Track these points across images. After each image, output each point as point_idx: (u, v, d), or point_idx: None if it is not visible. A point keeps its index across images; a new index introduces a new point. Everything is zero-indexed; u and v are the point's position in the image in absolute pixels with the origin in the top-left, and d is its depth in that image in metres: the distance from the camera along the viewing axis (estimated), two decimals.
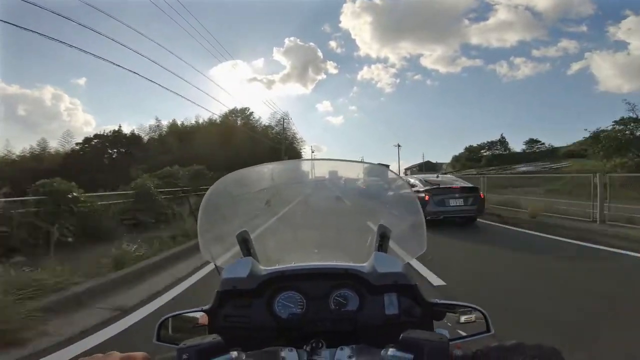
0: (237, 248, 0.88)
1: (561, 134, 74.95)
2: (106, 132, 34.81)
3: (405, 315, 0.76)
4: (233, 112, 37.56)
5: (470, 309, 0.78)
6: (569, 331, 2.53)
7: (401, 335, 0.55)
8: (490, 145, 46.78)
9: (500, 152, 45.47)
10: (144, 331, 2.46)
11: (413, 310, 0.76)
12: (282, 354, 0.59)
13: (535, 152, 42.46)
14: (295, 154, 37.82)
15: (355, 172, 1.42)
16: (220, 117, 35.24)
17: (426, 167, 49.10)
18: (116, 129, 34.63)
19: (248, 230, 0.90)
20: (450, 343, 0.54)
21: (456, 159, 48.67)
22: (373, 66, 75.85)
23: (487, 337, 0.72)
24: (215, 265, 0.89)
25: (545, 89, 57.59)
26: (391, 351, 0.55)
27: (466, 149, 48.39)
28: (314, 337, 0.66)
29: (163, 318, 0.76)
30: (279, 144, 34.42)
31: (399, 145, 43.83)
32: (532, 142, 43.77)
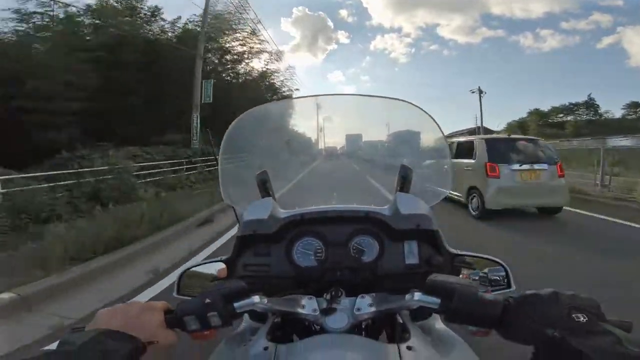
0: (257, 192, 0.86)
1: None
2: None
3: (425, 265, 0.73)
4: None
5: (491, 262, 0.73)
6: None
7: (427, 279, 0.53)
8: (571, 109, 39.40)
9: (590, 118, 38.11)
10: None
11: (434, 259, 0.73)
12: (302, 301, 0.59)
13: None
14: None
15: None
16: None
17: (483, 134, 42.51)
18: None
19: (267, 172, 0.88)
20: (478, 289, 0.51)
21: (518, 125, 41.49)
22: (387, 36, 69.93)
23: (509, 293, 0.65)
24: (234, 210, 0.88)
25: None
26: (417, 295, 0.53)
27: (532, 113, 41.78)
28: (333, 286, 0.64)
29: (182, 270, 0.76)
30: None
31: (480, 91, 28.33)
32: (635, 105, 35.85)
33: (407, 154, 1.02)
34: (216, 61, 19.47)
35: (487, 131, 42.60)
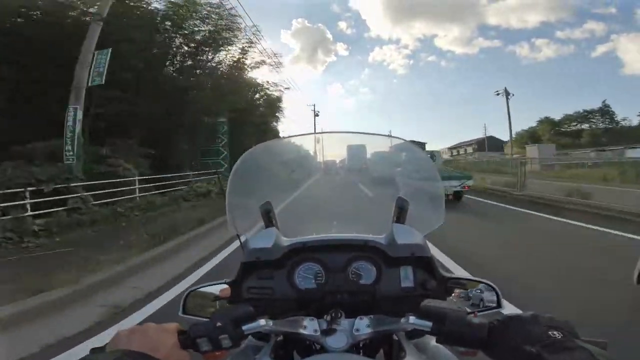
0: (261, 222, 0.92)
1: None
2: None
3: (420, 288, 0.77)
4: None
5: (482, 284, 0.78)
6: None
7: (421, 304, 0.58)
8: (584, 116, 37.48)
9: (606, 126, 36.18)
10: None
11: (428, 283, 0.78)
12: (304, 322, 0.64)
13: None
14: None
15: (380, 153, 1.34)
16: None
17: (489, 144, 40.34)
18: None
19: (271, 203, 0.94)
20: (467, 313, 0.56)
21: (529, 135, 39.74)
22: (385, 47, 71.13)
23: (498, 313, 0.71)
24: (238, 238, 0.93)
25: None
26: (411, 319, 0.58)
27: (543, 121, 40.08)
28: (333, 308, 0.69)
29: (188, 291, 0.80)
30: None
31: (506, 92, 27.54)
32: None
33: (403, 185, 1.09)
34: (181, 46, 14.22)
35: (495, 141, 40.69)
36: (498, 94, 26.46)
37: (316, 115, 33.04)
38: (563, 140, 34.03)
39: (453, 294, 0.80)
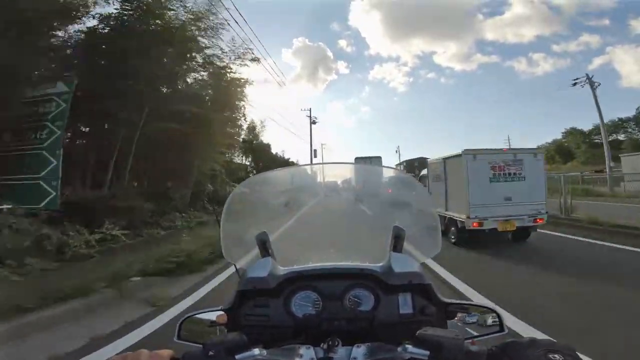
0: (256, 250, 0.93)
1: None
2: None
3: (419, 314, 0.76)
4: None
5: (484, 308, 0.77)
6: None
7: (417, 333, 0.57)
8: (618, 125, 33.67)
9: None
10: None
11: (427, 309, 0.77)
12: (300, 351, 0.63)
13: None
14: None
15: (367, 176, 1.39)
16: None
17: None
18: None
19: (267, 232, 0.96)
20: (465, 340, 0.55)
21: (556, 148, 36.17)
22: (385, 65, 71.54)
23: (501, 336, 0.69)
24: (235, 266, 0.95)
25: None
26: (408, 348, 0.57)
27: (570, 132, 36.56)
28: (330, 335, 0.68)
29: (184, 317, 0.80)
30: None
31: (590, 82, 20.20)
32: None
33: (399, 214, 1.10)
34: None
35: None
36: (575, 84, 21.88)
37: (313, 122, 30.89)
38: (598, 152, 31.27)
39: (455, 319, 0.78)
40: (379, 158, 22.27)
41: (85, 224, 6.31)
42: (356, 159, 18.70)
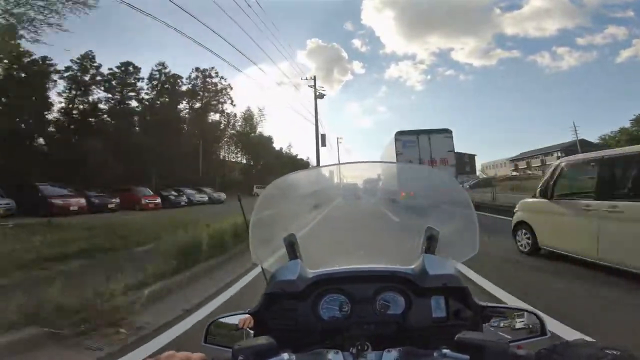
0: (284, 251, 0.92)
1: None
2: None
3: (453, 318, 0.73)
4: None
5: (523, 311, 0.72)
6: None
7: (456, 337, 0.54)
8: None
9: None
10: None
11: (462, 313, 0.73)
12: (329, 356, 0.61)
13: None
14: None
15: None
16: None
17: (583, 149, 31.62)
18: None
19: (295, 234, 0.94)
20: (509, 344, 0.52)
21: (629, 137, 30.81)
22: (401, 64, 68.64)
23: (544, 340, 0.65)
24: (262, 268, 0.94)
25: None
26: (446, 352, 0.54)
27: (637, 120, 32.71)
28: (359, 340, 0.66)
29: (211, 320, 0.79)
30: None
31: None
32: None
33: (432, 214, 1.05)
34: None
35: (588, 145, 31.61)
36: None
37: (319, 96, 23.52)
38: None
39: (490, 323, 0.73)
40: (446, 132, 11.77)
41: None
42: (398, 133, 11.54)
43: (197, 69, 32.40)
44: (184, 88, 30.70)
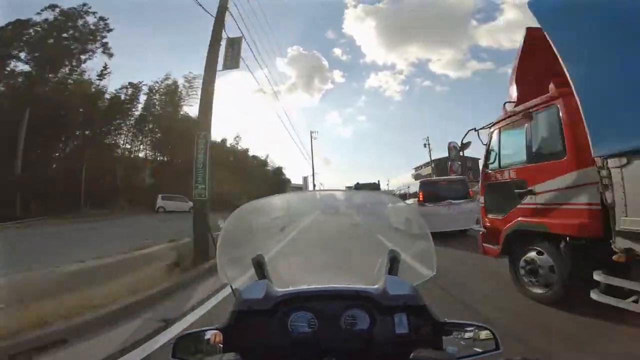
0: (252, 271, 0.95)
1: None
2: None
3: (415, 334, 0.77)
4: None
5: (479, 327, 0.78)
6: None
7: (412, 355, 0.59)
8: None
9: None
10: None
11: (423, 329, 0.78)
12: None
13: None
14: None
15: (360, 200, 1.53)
16: None
17: None
18: None
19: (263, 254, 0.99)
20: None
21: None
22: (380, 73, 72.17)
23: (495, 355, 0.71)
24: (231, 287, 0.96)
25: None
26: None
27: None
28: (326, 355, 0.69)
29: (179, 336, 0.81)
30: None
31: None
32: None
33: (395, 237, 1.16)
34: None
35: None
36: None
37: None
38: None
39: (450, 338, 0.78)
40: (376, 184, 23.74)
41: None
42: (357, 184, 20.09)
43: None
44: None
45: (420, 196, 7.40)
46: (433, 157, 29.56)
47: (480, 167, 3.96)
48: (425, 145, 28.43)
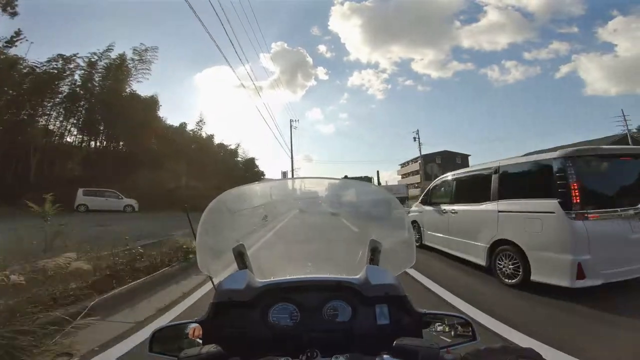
0: (234, 262, 0.94)
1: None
2: None
3: (395, 325, 0.79)
4: None
5: (457, 318, 0.80)
6: None
7: (395, 343, 0.61)
8: None
9: None
10: None
11: (403, 319, 0.79)
12: None
13: None
14: None
15: (342, 189, 1.50)
16: None
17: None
18: None
19: (244, 245, 0.98)
20: (440, 349, 0.60)
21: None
22: (364, 72, 75.62)
23: (474, 345, 0.72)
24: (211, 278, 0.97)
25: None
26: (386, 357, 0.60)
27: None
28: (308, 347, 0.69)
29: (156, 329, 0.78)
30: None
31: None
32: None
33: (375, 228, 1.14)
34: None
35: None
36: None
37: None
38: None
39: (430, 328, 0.81)
40: (368, 179, 20.93)
41: None
42: (345, 178, 19.20)
43: None
44: None
45: (575, 194, 2.84)
46: (413, 154, 29.30)
47: None
48: (414, 139, 28.03)
